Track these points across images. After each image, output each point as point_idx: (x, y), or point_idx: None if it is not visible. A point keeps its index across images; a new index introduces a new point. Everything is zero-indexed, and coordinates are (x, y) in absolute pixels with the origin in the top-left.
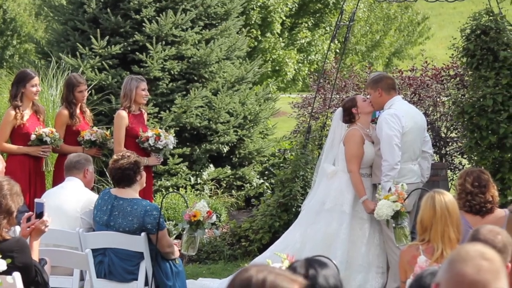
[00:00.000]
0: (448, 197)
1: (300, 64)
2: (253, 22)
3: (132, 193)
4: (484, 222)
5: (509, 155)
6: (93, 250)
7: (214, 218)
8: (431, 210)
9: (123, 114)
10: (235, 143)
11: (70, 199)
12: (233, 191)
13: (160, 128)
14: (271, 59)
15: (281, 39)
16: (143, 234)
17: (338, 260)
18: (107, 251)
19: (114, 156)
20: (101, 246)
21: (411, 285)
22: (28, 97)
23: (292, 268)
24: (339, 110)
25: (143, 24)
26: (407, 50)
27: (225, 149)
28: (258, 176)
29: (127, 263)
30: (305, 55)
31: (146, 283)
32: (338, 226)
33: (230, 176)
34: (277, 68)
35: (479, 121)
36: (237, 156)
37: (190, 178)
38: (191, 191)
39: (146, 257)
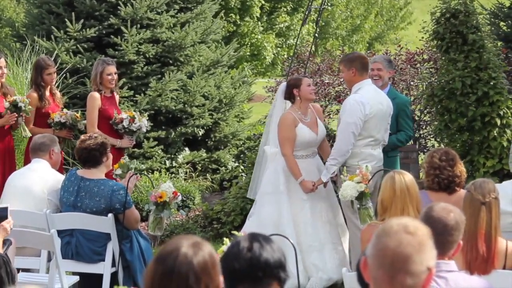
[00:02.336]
0: (408, 177)
1: (279, 49)
2: (232, 6)
3: (98, 174)
4: (451, 200)
5: (478, 137)
6: (60, 231)
7: (179, 198)
8: (391, 190)
9: (95, 95)
10: (210, 126)
11: (37, 181)
12: (208, 174)
13: (135, 111)
14: (249, 43)
15: (260, 23)
16: (110, 215)
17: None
18: (74, 232)
19: (82, 137)
20: (68, 227)
21: (359, 261)
22: None
23: (236, 242)
24: (283, 85)
25: (118, 7)
26: (389, 35)
27: (200, 132)
28: (233, 160)
29: (94, 244)
30: (284, 40)
31: (114, 264)
32: (280, 208)
33: (206, 160)
34: (255, 52)
35: (449, 104)
36: (213, 139)
37: (165, 162)
38: (165, 175)
39: (113, 238)
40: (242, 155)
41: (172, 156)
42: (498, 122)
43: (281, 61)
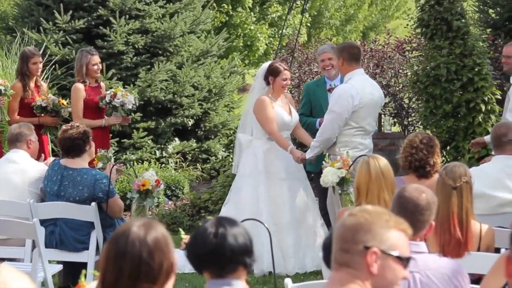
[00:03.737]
0: (382, 162)
1: (271, 39)
2: None
3: (82, 163)
4: (425, 185)
5: (463, 123)
6: (44, 220)
7: (162, 187)
8: (366, 175)
9: (79, 86)
10: (200, 116)
11: (16, 172)
12: (198, 164)
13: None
14: (242, 34)
15: (252, 13)
16: (93, 204)
17: (264, 220)
18: (58, 221)
19: (63, 127)
20: (51, 216)
21: (325, 240)
22: None
23: (203, 227)
24: (266, 65)
25: None
26: (384, 24)
27: (190, 122)
28: (223, 149)
29: (78, 233)
30: (277, 30)
31: (98, 253)
32: (258, 188)
33: (196, 149)
34: (249, 43)
35: (434, 90)
36: (202, 129)
37: (155, 152)
38: (155, 165)
39: (96, 226)
40: (232, 145)
41: (162, 146)
42: (483, 108)
43: (274, 51)
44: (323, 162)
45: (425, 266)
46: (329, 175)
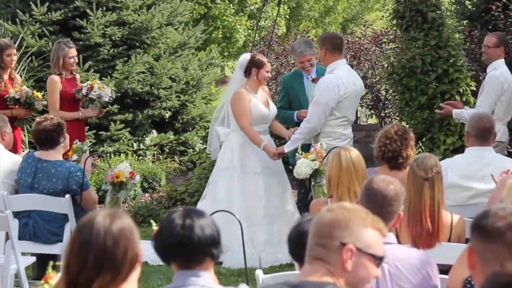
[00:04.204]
0: (353, 153)
1: (250, 31)
2: None
3: (56, 155)
4: (398, 177)
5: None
6: (18, 213)
7: (137, 179)
8: (337, 166)
9: (55, 78)
10: (177, 108)
11: None
12: (176, 156)
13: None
14: (221, 25)
15: (231, 5)
16: (67, 196)
17: (236, 212)
18: (32, 213)
19: (37, 119)
20: (25, 208)
21: (290, 232)
22: None
23: (170, 219)
24: (245, 56)
25: None
26: (364, 16)
27: (168, 114)
28: (201, 141)
29: (52, 225)
30: (255, 22)
31: None
32: (233, 182)
33: (173, 142)
34: (228, 35)
35: (409, 82)
36: (180, 121)
37: (132, 144)
38: (132, 157)
39: (70, 218)
40: None
41: (140, 138)
42: (458, 99)
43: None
44: (296, 153)
45: (394, 257)
46: (303, 167)
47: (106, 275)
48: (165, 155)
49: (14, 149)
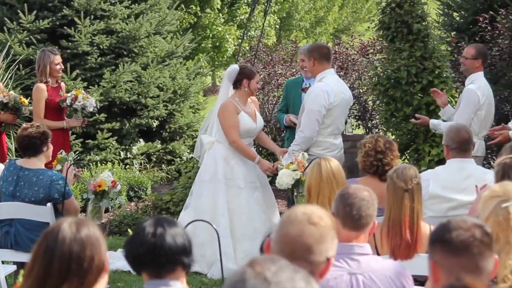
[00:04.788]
0: (334, 163)
1: (240, 40)
2: None
3: (38, 163)
4: (382, 187)
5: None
6: (0, 221)
7: (119, 187)
8: (317, 176)
9: (41, 87)
10: (165, 117)
11: None
12: (163, 165)
13: (87, 91)
14: (211, 35)
15: (221, 15)
16: (49, 204)
17: (221, 228)
18: (14, 222)
19: (24, 125)
20: (6, 216)
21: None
22: None
23: (141, 227)
24: (234, 68)
25: None
26: (356, 27)
27: (155, 123)
28: (188, 151)
29: (34, 233)
30: (245, 31)
31: None
32: (216, 196)
33: (160, 151)
34: (217, 44)
35: (394, 93)
36: (167, 130)
37: (119, 153)
38: (119, 166)
39: None
40: None
41: (127, 147)
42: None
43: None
44: (279, 164)
45: (369, 268)
46: (284, 177)
47: (72, 282)
48: (152, 164)
49: (1, 157)
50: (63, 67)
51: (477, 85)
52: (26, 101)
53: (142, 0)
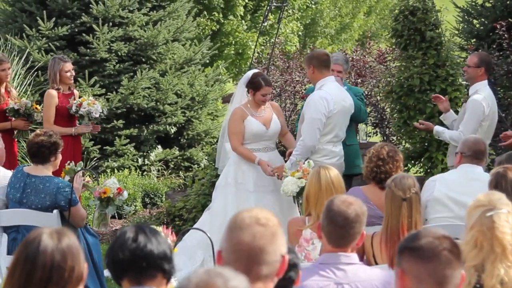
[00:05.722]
0: (333, 172)
1: (262, 47)
2: (215, 5)
3: (45, 171)
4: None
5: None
6: (7, 228)
7: (125, 195)
8: (316, 185)
9: (52, 93)
10: (183, 124)
11: None
12: (181, 172)
13: (96, 98)
14: (233, 42)
15: (243, 21)
16: (55, 211)
17: None
18: (20, 228)
19: (37, 131)
20: (14, 223)
21: None
22: None
23: (122, 232)
24: (249, 73)
25: (90, 5)
26: (382, 33)
27: (173, 130)
28: (206, 158)
29: None
30: (268, 38)
31: None
32: (227, 200)
33: (178, 157)
34: (240, 51)
35: (407, 101)
36: (185, 137)
37: (137, 159)
38: (135, 172)
39: None
40: (215, 153)
41: (145, 154)
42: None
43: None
44: (283, 172)
45: (355, 277)
46: (289, 185)
47: None
48: (169, 171)
49: (13, 164)
50: (73, 74)
51: (482, 96)
52: (39, 107)
53: (161, 7)
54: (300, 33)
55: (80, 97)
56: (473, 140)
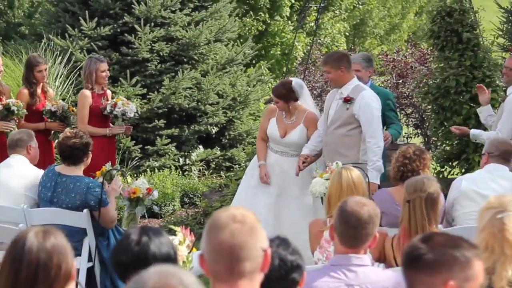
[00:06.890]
0: (355, 173)
1: (309, 47)
2: (261, 5)
3: (76, 170)
4: None
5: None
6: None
7: (155, 194)
8: (338, 186)
9: (86, 93)
10: (224, 124)
11: (15, 176)
12: (222, 172)
13: (128, 98)
14: (279, 42)
15: (289, 22)
16: (85, 210)
17: None
18: None
19: (67, 133)
20: (44, 222)
21: None
22: None
23: (126, 235)
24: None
25: (132, 5)
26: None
27: (214, 130)
28: (247, 158)
29: (71, 239)
30: (315, 39)
31: (90, 259)
32: (247, 199)
33: (219, 157)
34: (286, 51)
35: (443, 102)
36: (227, 137)
37: (178, 159)
38: (175, 171)
39: (89, 233)
40: (255, 153)
41: (186, 153)
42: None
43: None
44: (314, 172)
45: (366, 279)
46: (317, 186)
47: None
48: (211, 171)
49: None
50: (108, 74)
51: None
52: (75, 109)
53: (203, 7)
54: (347, 33)
55: (113, 97)
56: (501, 141)
